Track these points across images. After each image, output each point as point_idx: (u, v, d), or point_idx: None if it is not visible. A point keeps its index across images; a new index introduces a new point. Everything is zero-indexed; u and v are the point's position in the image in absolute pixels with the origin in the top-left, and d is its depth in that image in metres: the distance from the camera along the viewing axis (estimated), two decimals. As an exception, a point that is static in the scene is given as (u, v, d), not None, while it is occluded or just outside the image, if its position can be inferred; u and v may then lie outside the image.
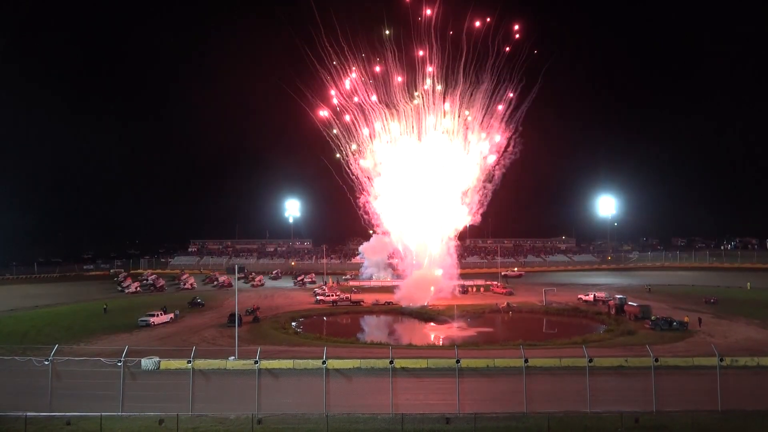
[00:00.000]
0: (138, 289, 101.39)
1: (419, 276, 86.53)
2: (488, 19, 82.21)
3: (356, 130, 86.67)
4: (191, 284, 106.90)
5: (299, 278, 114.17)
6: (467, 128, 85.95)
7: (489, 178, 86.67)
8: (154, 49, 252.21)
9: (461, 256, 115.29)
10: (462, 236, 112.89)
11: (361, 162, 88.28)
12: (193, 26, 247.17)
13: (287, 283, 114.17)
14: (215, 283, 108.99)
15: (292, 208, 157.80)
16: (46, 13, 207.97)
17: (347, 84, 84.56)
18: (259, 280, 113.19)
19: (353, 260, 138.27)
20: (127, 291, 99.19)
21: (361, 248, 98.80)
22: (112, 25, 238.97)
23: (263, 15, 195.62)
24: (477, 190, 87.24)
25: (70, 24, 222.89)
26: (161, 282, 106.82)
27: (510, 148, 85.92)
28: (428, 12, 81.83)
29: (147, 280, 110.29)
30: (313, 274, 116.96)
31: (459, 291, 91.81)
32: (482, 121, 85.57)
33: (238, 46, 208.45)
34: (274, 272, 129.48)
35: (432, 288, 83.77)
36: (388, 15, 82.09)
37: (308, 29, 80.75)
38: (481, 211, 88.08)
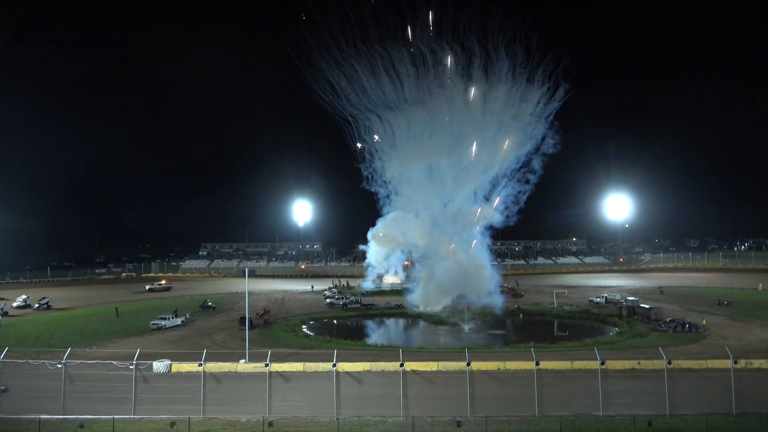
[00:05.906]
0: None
1: (441, 277, 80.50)
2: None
3: (373, 130, 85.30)
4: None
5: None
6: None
7: (529, 169, 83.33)
8: (163, 51, 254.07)
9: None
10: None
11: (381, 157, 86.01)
12: (202, 26, 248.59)
13: (298, 286, 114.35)
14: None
15: (302, 212, 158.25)
16: (53, 16, 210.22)
17: (362, 82, 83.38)
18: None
19: (364, 263, 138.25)
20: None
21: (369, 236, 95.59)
22: (120, 26, 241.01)
23: (274, 19, 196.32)
24: (509, 184, 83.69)
25: (78, 27, 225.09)
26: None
27: (544, 141, 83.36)
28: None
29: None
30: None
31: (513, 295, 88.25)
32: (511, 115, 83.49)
33: (250, 47, 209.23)
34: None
35: (456, 294, 77.81)
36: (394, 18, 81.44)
37: (321, 35, 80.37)
38: (516, 208, 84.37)
